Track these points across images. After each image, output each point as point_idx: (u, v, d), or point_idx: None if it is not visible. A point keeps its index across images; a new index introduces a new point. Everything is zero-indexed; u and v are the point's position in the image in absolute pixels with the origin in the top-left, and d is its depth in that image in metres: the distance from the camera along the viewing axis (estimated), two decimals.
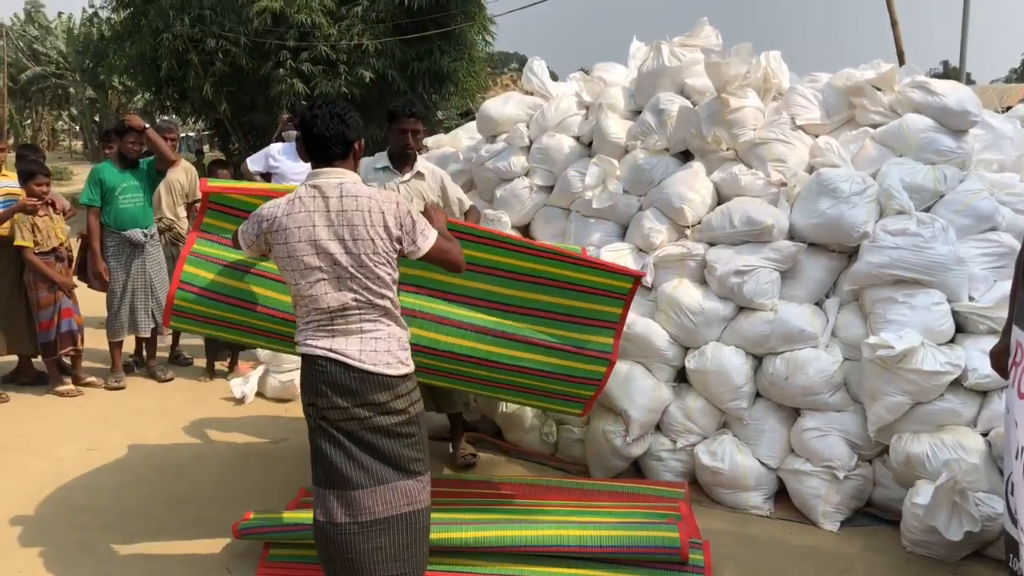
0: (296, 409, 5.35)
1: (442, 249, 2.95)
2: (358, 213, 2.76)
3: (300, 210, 2.78)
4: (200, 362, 6.56)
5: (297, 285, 2.81)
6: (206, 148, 25.80)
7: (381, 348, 2.81)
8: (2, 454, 4.79)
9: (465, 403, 4.91)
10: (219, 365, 6.45)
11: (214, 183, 3.78)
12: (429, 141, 6.39)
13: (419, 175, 4.38)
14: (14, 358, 6.20)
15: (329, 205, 2.77)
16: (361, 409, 2.78)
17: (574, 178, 5.00)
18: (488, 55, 18.80)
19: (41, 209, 5.83)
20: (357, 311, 2.79)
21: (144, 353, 6.49)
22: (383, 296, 2.82)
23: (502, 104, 5.65)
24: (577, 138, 5.26)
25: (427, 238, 2.89)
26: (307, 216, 2.77)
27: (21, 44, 41.65)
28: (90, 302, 6.55)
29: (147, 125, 5.92)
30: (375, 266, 2.77)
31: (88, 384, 6.07)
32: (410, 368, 2.90)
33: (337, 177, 2.83)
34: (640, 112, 5.04)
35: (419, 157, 4.49)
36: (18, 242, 5.73)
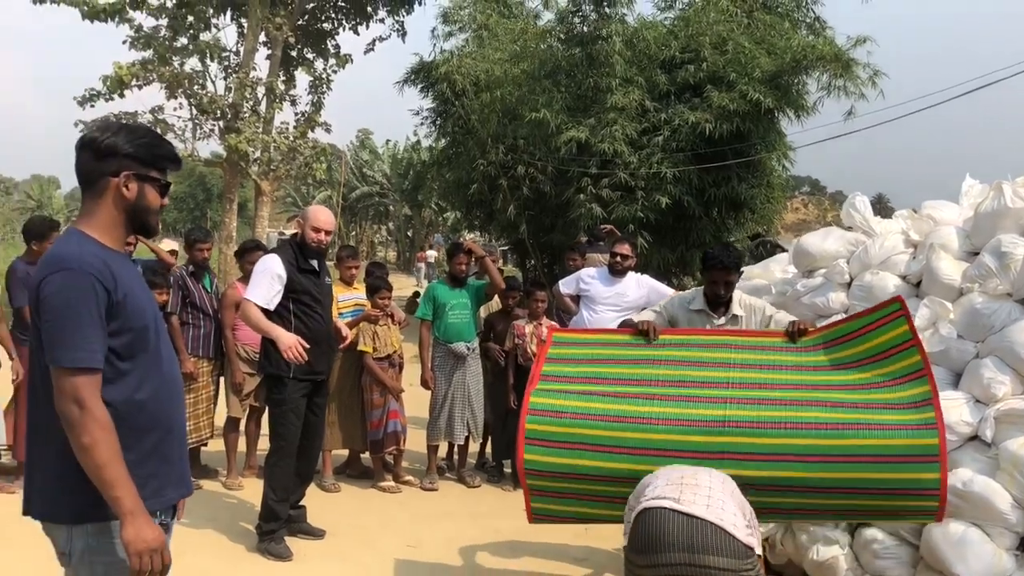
0: (596, 528, 5.42)
1: None
2: None
3: None
4: (505, 471, 6.84)
5: None
6: (499, 263, 27.48)
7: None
8: (336, 542, 5.28)
9: (771, 544, 4.74)
10: None
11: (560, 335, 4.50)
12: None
13: (734, 318, 4.52)
14: (345, 452, 6.88)
15: None
16: (693, 569, 2.75)
17: None
18: (783, 181, 18.56)
19: (382, 319, 6.55)
20: None
21: (455, 458, 6.95)
22: None
23: (821, 239, 5.57)
24: (903, 277, 5.05)
25: None
26: None
27: (353, 167, 47.58)
28: (413, 405, 7.14)
29: (484, 254, 6.48)
30: None
31: (406, 482, 6.57)
32: (757, 541, 2.86)
33: None
34: (976, 254, 4.76)
35: (738, 296, 4.60)
36: (361, 347, 6.44)
